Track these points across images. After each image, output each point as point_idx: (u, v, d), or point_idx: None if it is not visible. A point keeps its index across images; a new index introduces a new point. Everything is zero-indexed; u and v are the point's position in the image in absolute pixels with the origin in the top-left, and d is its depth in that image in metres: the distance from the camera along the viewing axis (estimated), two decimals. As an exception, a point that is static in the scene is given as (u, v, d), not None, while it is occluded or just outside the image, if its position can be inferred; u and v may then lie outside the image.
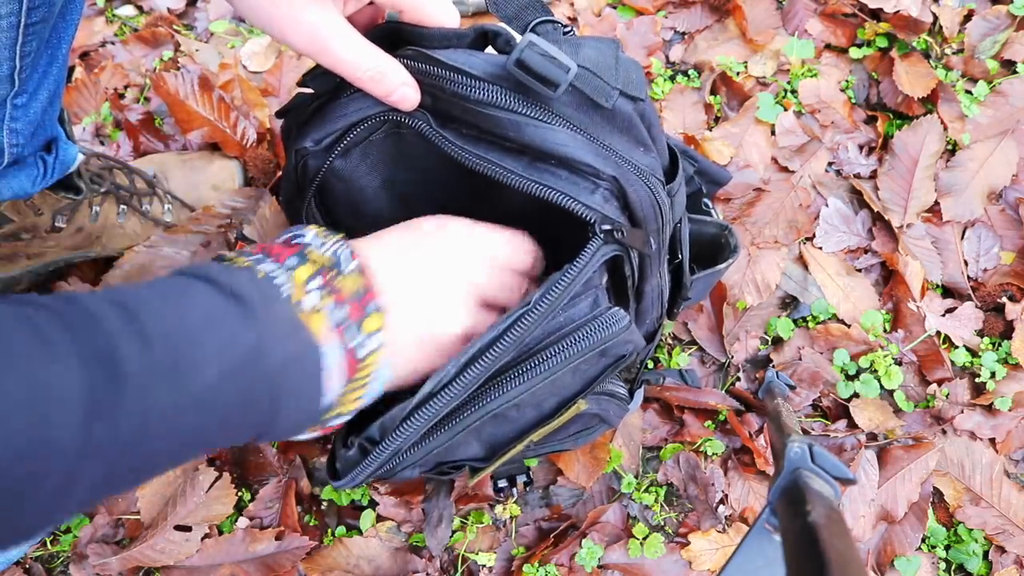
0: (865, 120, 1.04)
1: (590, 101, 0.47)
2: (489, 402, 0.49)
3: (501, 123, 0.46)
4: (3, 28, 0.54)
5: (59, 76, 0.66)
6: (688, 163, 0.74)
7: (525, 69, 0.43)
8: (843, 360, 0.91)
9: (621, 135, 0.50)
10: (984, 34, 1.06)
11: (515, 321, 0.47)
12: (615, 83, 0.47)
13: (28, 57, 0.58)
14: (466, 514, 0.86)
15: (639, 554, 0.83)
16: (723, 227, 0.72)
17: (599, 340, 0.50)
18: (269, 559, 0.82)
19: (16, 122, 0.64)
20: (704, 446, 0.88)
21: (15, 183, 0.72)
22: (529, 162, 0.47)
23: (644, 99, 0.50)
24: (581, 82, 0.46)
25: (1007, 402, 0.89)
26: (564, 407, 0.56)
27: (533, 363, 0.49)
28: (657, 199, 0.51)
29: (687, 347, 0.93)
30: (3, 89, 0.59)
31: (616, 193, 0.49)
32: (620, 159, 0.49)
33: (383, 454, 0.48)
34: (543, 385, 0.50)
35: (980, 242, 0.97)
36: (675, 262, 0.62)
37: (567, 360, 0.49)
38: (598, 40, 0.49)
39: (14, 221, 0.78)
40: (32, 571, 0.83)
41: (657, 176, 0.52)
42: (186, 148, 1.00)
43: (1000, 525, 0.86)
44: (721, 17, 1.08)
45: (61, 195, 0.80)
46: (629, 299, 0.55)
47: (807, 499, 0.39)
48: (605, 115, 0.48)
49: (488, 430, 0.56)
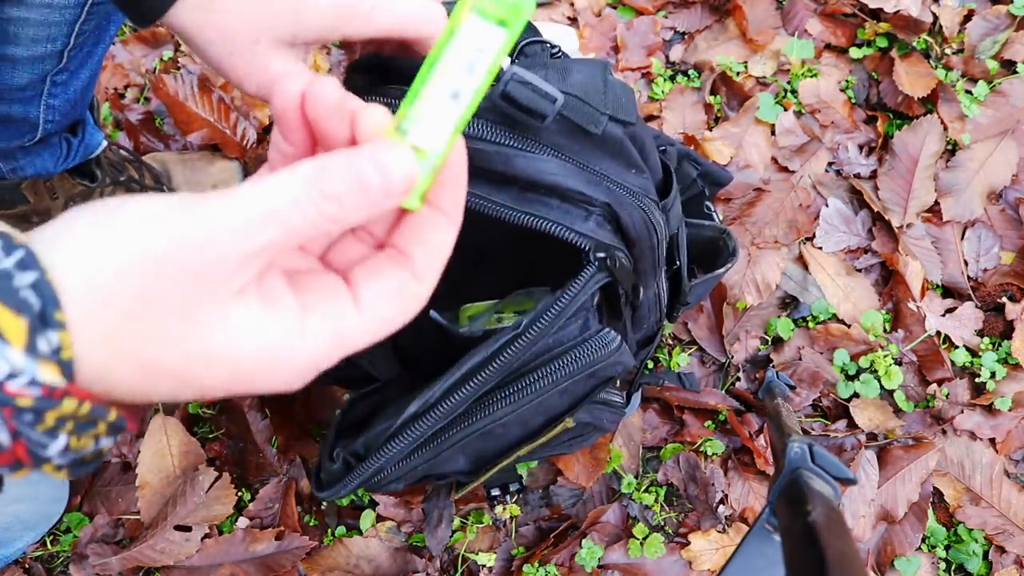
0: (865, 120, 1.04)
1: (579, 128, 0.46)
2: (475, 422, 0.49)
3: (489, 157, 0.45)
4: (70, 4, 0.54)
5: (99, 59, 0.67)
6: (692, 166, 0.74)
7: (511, 102, 0.42)
8: (843, 360, 0.91)
9: (612, 159, 0.49)
10: (984, 34, 1.06)
11: (503, 346, 0.46)
12: (604, 108, 0.47)
13: (83, 36, 0.58)
14: (466, 514, 0.86)
15: (639, 554, 0.83)
16: (722, 231, 0.72)
17: (588, 363, 0.49)
18: (269, 559, 0.82)
19: (54, 99, 0.65)
20: (704, 446, 0.88)
21: (39, 160, 0.73)
22: (519, 193, 0.46)
23: (634, 122, 0.49)
24: (569, 111, 0.45)
25: (1007, 402, 0.89)
26: (551, 425, 0.56)
27: (520, 384, 0.49)
28: (651, 219, 0.50)
29: (687, 347, 0.93)
30: (49, 64, 0.60)
31: (609, 218, 0.48)
32: (612, 183, 0.48)
33: (367, 471, 0.48)
34: (530, 406, 0.49)
35: (980, 242, 0.97)
36: (673, 268, 0.62)
37: (555, 383, 0.49)
38: (586, 63, 0.49)
39: (30, 202, 0.78)
40: (32, 571, 0.83)
41: (650, 196, 0.51)
42: (186, 148, 1.00)
43: (1000, 525, 0.86)
44: (721, 17, 1.08)
45: (77, 181, 0.80)
46: (623, 314, 0.55)
47: (807, 499, 0.39)
48: (595, 140, 0.48)
49: (474, 446, 0.56)
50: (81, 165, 0.79)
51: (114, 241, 0.24)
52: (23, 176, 0.74)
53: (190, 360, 0.25)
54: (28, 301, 0.23)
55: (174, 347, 0.25)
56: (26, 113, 0.64)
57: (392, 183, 0.26)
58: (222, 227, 0.25)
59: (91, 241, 0.24)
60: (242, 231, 0.25)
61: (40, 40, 0.57)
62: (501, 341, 0.46)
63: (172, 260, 0.24)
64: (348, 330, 0.28)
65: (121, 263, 0.24)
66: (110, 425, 0.26)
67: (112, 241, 0.24)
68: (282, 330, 0.26)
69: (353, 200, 0.26)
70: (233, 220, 0.25)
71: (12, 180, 0.74)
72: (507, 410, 0.49)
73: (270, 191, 0.25)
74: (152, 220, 0.25)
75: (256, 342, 0.26)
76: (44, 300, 0.23)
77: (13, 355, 0.23)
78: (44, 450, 0.25)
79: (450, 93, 0.27)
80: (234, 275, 0.25)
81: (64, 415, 0.24)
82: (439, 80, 0.28)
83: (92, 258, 0.24)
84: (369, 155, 0.26)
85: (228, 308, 0.25)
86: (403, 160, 0.27)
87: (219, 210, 0.25)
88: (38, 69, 0.60)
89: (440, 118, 0.28)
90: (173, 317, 0.24)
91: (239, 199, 0.25)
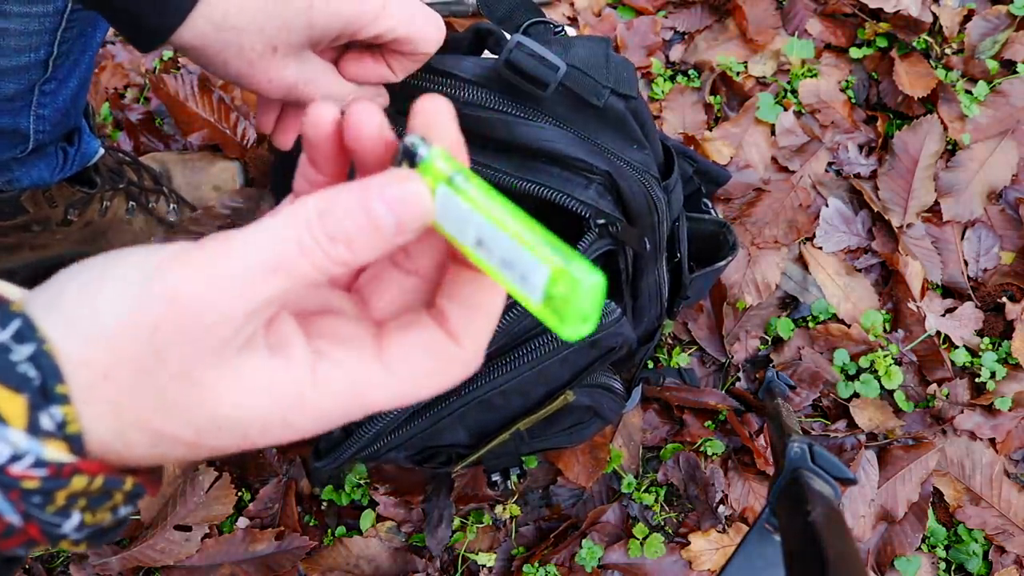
0: (865, 120, 1.04)
1: (581, 100, 0.47)
2: (474, 389, 0.49)
3: (492, 124, 0.46)
4: (48, 13, 0.54)
5: (89, 66, 0.66)
6: (686, 164, 0.74)
7: (514, 70, 0.43)
8: (843, 360, 0.91)
9: (614, 132, 0.50)
10: (984, 34, 1.05)
11: (503, 310, 0.47)
12: (606, 82, 0.47)
13: (66, 43, 0.58)
14: (466, 514, 0.86)
15: (639, 554, 0.83)
16: (721, 224, 0.72)
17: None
18: (269, 559, 0.82)
19: (44, 108, 0.64)
20: (704, 446, 0.88)
21: (35, 172, 0.73)
22: (520, 161, 0.47)
23: (636, 97, 0.50)
24: (571, 81, 0.46)
25: (1007, 402, 0.89)
26: (552, 397, 0.56)
27: (521, 352, 0.49)
28: (651, 194, 0.51)
29: (687, 347, 0.93)
30: (35, 74, 0.59)
31: (609, 188, 0.49)
32: (613, 155, 0.49)
33: (365, 436, 0.48)
34: (530, 374, 0.50)
35: (980, 242, 0.97)
36: (674, 260, 0.62)
37: (555, 350, 0.49)
38: (589, 39, 0.49)
39: (29, 212, 0.77)
40: (32, 571, 0.83)
41: (651, 173, 0.52)
42: (187, 148, 1.00)
43: (1000, 525, 0.86)
44: (721, 17, 1.08)
45: (76, 188, 0.80)
46: (624, 295, 0.55)
47: (807, 499, 0.39)
48: (597, 113, 0.48)
49: (474, 416, 0.56)
50: (79, 172, 0.79)
51: (106, 309, 0.22)
52: (20, 187, 0.73)
53: (199, 429, 0.24)
54: (27, 376, 0.21)
55: (181, 417, 0.23)
56: (16, 124, 0.63)
57: (405, 221, 0.23)
58: (222, 281, 0.22)
59: (82, 310, 0.23)
60: (244, 284, 0.22)
61: (23, 50, 0.56)
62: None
63: (169, 326, 0.22)
64: (368, 383, 0.25)
65: (115, 334, 0.22)
66: (127, 495, 0.24)
67: (104, 309, 0.22)
68: (292, 379, 0.24)
69: (364, 242, 0.23)
70: (233, 271, 0.22)
71: (10, 192, 0.73)
72: (507, 377, 0.49)
73: (273, 236, 0.23)
74: (145, 280, 0.23)
75: (266, 398, 0.24)
76: (44, 374, 0.22)
77: (14, 436, 0.21)
78: (58, 529, 0.23)
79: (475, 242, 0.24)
80: (239, 332, 0.23)
81: (75, 492, 0.23)
82: (461, 241, 0.24)
83: (85, 328, 0.22)
84: (379, 191, 0.23)
85: (234, 365, 0.23)
86: (416, 195, 0.24)
87: (218, 261, 0.23)
88: (24, 79, 0.59)
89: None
90: (176, 385, 0.23)
91: (240, 246, 0.23)
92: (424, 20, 0.42)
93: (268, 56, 0.39)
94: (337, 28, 0.40)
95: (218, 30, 0.37)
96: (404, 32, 0.42)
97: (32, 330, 0.22)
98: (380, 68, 0.44)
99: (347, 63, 0.44)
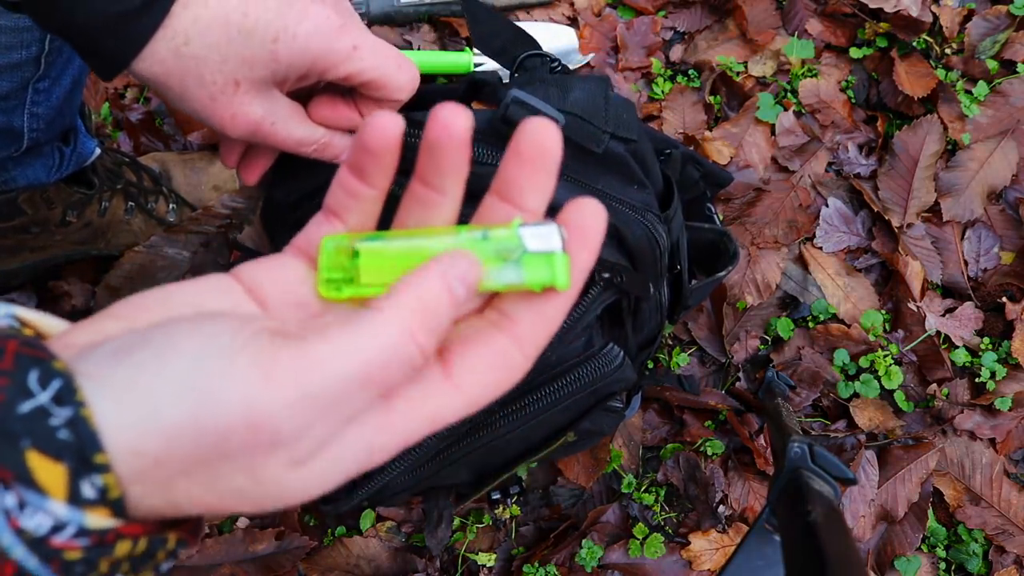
0: (865, 120, 1.04)
1: (581, 147, 0.47)
2: (477, 439, 0.49)
3: (489, 180, 0.45)
4: None
5: (82, 65, 0.66)
6: (695, 169, 0.74)
7: (511, 126, 0.43)
8: (843, 360, 0.91)
9: (615, 176, 0.49)
10: (984, 34, 1.05)
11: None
12: (605, 126, 0.47)
13: (58, 40, 0.58)
14: (466, 514, 0.86)
15: (639, 554, 0.83)
16: (722, 233, 0.72)
17: (591, 381, 0.49)
18: (269, 559, 0.82)
19: (37, 107, 0.64)
20: (704, 446, 0.88)
21: (31, 171, 0.72)
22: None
23: (636, 140, 0.49)
24: (570, 131, 0.45)
25: (1007, 402, 0.89)
26: (553, 439, 0.56)
27: (525, 402, 0.49)
28: (653, 233, 0.51)
29: (687, 347, 0.93)
30: (28, 71, 0.59)
31: (612, 234, 0.48)
32: (614, 200, 0.48)
33: (373, 489, 0.48)
34: (533, 423, 0.50)
35: (980, 242, 0.97)
36: (674, 272, 0.62)
37: (558, 400, 0.49)
38: (587, 80, 0.49)
39: (27, 214, 0.77)
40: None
41: (652, 211, 0.52)
42: (186, 148, 1.00)
43: (1000, 525, 0.86)
44: (721, 17, 1.08)
45: (74, 189, 0.80)
46: (625, 322, 0.55)
47: (807, 499, 0.39)
48: (597, 158, 0.48)
49: (476, 458, 0.56)
50: (77, 173, 0.79)
51: (167, 404, 0.21)
52: (16, 187, 0.73)
53: (260, 504, 0.23)
54: (66, 442, 0.20)
55: (241, 498, 0.22)
56: (9, 123, 0.63)
57: (472, 288, 0.24)
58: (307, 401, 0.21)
59: (135, 394, 0.21)
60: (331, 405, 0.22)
61: (14, 47, 0.56)
62: None
63: (239, 438, 0.21)
64: (442, 410, 0.25)
65: (175, 434, 0.21)
66: (170, 553, 0.24)
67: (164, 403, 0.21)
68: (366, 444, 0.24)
69: (447, 313, 0.24)
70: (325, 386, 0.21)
71: (7, 194, 0.73)
72: (510, 427, 0.49)
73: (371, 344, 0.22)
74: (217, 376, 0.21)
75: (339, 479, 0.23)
76: (83, 441, 0.20)
77: (55, 507, 0.20)
78: None
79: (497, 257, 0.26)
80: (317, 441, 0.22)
81: (119, 558, 0.21)
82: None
83: (139, 419, 0.21)
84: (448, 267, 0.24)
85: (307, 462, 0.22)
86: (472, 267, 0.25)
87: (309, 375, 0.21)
88: (17, 77, 0.59)
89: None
90: (239, 476, 0.22)
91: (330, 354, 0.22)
92: (397, 66, 0.40)
93: (230, 90, 0.38)
94: (304, 66, 0.38)
95: (178, 57, 0.36)
96: (375, 76, 0.40)
97: (72, 392, 0.20)
98: (352, 113, 0.42)
99: (317, 105, 0.42)
